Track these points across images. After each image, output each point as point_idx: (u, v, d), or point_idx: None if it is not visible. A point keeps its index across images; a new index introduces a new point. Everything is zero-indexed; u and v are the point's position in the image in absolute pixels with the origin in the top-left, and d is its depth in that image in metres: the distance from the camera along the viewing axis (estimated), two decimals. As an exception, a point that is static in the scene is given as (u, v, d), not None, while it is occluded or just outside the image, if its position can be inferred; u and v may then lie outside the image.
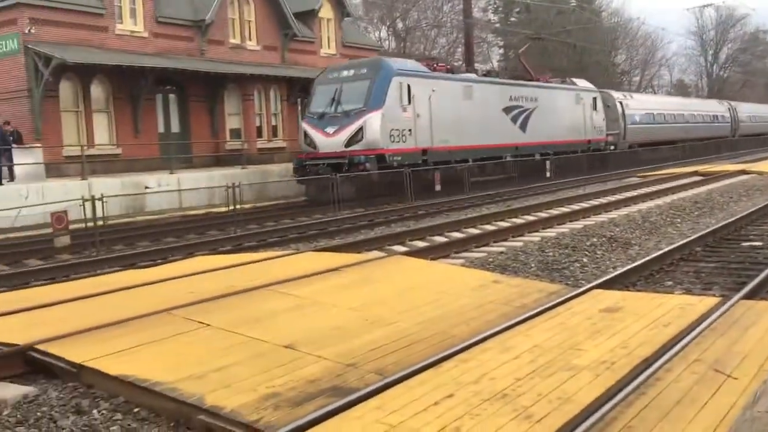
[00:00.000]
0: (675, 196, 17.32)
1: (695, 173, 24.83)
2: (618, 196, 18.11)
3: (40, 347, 5.16)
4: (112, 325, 5.75)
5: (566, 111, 28.65)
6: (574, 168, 28.20)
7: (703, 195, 17.29)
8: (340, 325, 5.97)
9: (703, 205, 15.73)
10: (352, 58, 32.99)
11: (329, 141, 19.90)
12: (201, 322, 5.90)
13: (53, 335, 5.41)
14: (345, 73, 21.11)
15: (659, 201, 16.39)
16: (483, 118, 23.60)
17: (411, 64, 22.68)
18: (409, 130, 20.56)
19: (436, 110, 21.50)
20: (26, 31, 21.86)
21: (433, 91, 21.53)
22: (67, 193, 16.89)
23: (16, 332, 5.64)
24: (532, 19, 54.41)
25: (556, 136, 27.57)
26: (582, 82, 31.85)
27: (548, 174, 26.35)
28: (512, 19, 61.60)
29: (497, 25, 62.06)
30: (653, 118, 36.62)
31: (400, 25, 52.07)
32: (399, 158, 20.11)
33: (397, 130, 20.12)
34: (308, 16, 31.85)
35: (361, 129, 19.54)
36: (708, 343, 5.11)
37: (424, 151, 21.16)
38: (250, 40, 29.22)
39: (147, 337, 5.45)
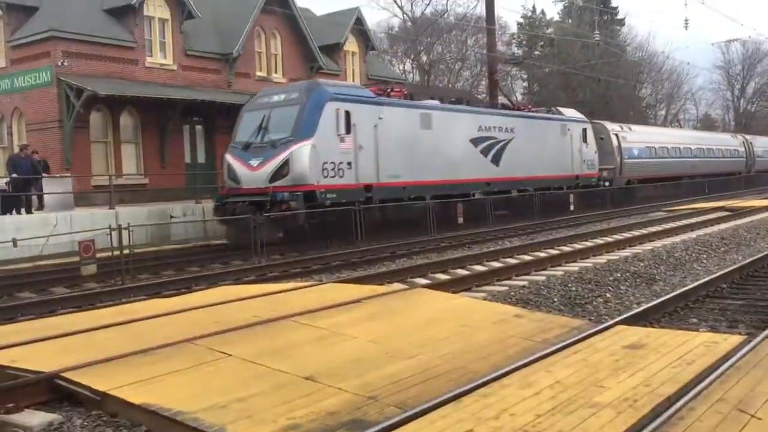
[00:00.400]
0: (701, 232, 17.17)
1: (722, 208, 24.60)
2: (642, 231, 17.99)
3: (66, 375, 5.24)
4: (136, 354, 5.82)
5: (549, 143, 25.99)
6: (595, 202, 28.06)
7: (730, 231, 17.11)
8: (361, 357, 5.99)
9: (729, 241, 15.57)
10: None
11: (253, 175, 17.37)
12: (223, 352, 5.95)
13: (79, 363, 5.49)
14: (275, 97, 18.57)
15: (684, 236, 16.26)
16: (445, 149, 20.95)
17: (351, 88, 20.28)
18: (349, 163, 17.97)
19: (383, 141, 18.90)
20: (59, 64, 22.46)
21: (380, 118, 18.91)
22: (94, 222, 17.18)
23: (42, 360, 5.73)
24: (556, 53, 54.66)
25: (536, 170, 24.74)
26: (570, 112, 29.35)
27: (571, 207, 26.23)
28: (536, 53, 61.95)
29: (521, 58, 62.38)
30: (654, 152, 34.40)
31: (424, 58, 52.55)
32: (334, 195, 17.51)
33: (332, 163, 17.53)
34: (333, 49, 32.36)
35: (286, 162, 16.99)
36: (732, 383, 5.05)
37: (368, 188, 18.53)
38: (276, 72, 29.70)
39: (170, 367, 5.51)
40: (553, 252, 14.40)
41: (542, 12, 64.08)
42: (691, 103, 75.73)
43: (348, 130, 17.96)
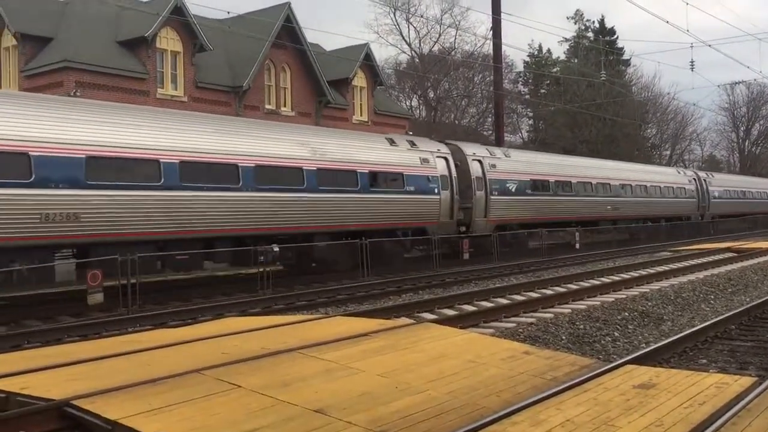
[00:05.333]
0: (707, 272, 17.12)
1: (728, 249, 24.56)
2: (650, 270, 17.94)
3: (76, 403, 5.22)
4: (146, 384, 5.80)
5: None
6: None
7: (737, 272, 17.06)
8: (370, 390, 5.96)
9: (736, 282, 15.52)
10: (384, 126, 33.76)
11: None
12: (232, 383, 5.93)
13: (88, 391, 5.48)
14: None
15: (692, 276, 16.22)
16: None
17: None
18: None
19: None
20: (72, 94, 22.68)
21: None
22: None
23: (51, 387, 5.72)
24: (562, 92, 55.12)
25: None
26: None
27: (577, 246, 26.19)
28: (542, 91, 62.47)
29: (527, 96, 62.93)
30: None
31: (431, 94, 53.03)
32: None
33: None
34: (342, 84, 32.72)
35: None
36: (744, 424, 5.01)
37: None
38: (284, 106, 29.99)
39: (179, 397, 5.49)
40: (560, 290, 14.36)
41: (548, 51, 64.83)
42: (696, 143, 76.13)
43: None
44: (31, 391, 5.57)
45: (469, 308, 12.16)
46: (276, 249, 16.05)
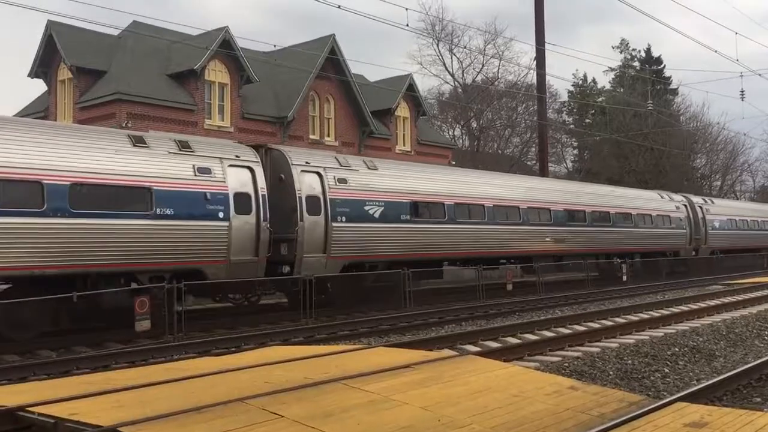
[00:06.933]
0: (761, 307, 16.62)
1: (781, 283, 23.85)
2: (700, 304, 17.49)
3: (122, 430, 5.29)
4: (190, 412, 5.85)
5: None
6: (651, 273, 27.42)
7: (792, 306, 16.54)
8: (412, 424, 5.90)
9: (791, 317, 15.02)
10: (427, 156, 33.83)
11: None
12: (275, 413, 5.94)
13: (134, 418, 5.55)
14: None
15: (744, 311, 15.76)
16: None
17: None
18: None
19: None
20: (123, 125, 23.33)
21: None
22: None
23: (99, 414, 5.81)
24: (608, 121, 54.57)
25: None
26: None
27: (624, 278, 25.69)
28: (587, 120, 61.95)
29: (572, 126, 62.45)
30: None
31: (474, 124, 53.00)
32: None
33: None
34: (385, 114, 32.96)
35: None
36: (804, 468, 4.82)
37: None
38: (328, 136, 30.31)
39: (223, 426, 5.51)
40: (608, 323, 14.08)
41: (593, 81, 64.38)
42: (748, 174, 74.28)
43: None
44: (80, 418, 5.66)
45: (513, 341, 11.99)
46: None
